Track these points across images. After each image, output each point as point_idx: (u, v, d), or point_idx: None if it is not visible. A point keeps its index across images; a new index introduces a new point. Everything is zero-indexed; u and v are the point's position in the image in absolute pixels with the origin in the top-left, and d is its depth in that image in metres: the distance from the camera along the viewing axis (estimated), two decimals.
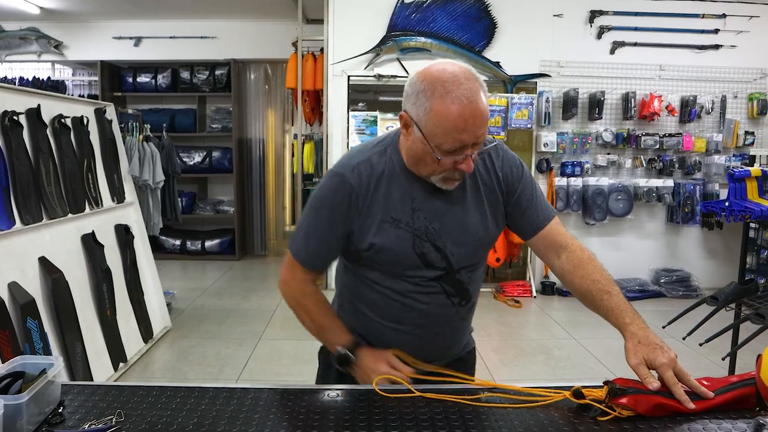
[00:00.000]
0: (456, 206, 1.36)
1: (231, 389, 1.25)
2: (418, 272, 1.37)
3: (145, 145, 4.77)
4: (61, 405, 1.15)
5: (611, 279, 1.37)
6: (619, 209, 5.67)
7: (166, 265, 6.49)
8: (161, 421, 1.11)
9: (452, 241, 1.36)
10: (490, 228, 1.41)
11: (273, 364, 3.89)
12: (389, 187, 1.34)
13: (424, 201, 1.34)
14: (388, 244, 1.33)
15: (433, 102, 1.20)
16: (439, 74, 1.21)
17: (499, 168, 1.41)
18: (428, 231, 1.34)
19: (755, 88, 5.80)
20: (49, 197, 3.22)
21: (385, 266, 1.38)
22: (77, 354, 3.14)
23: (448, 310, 1.42)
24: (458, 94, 1.18)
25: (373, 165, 1.35)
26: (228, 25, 7.16)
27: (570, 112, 5.59)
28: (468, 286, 1.43)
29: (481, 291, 5.20)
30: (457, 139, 1.21)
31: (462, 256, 1.38)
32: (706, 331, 2.30)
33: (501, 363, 3.99)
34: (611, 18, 5.66)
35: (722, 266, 5.86)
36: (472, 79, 1.22)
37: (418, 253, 1.34)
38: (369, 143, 1.42)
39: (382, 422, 1.12)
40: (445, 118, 1.19)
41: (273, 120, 7.69)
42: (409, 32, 5.49)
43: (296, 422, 1.12)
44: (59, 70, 7.59)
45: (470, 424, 1.12)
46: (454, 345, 1.52)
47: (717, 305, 2.63)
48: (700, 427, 1.11)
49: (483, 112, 1.21)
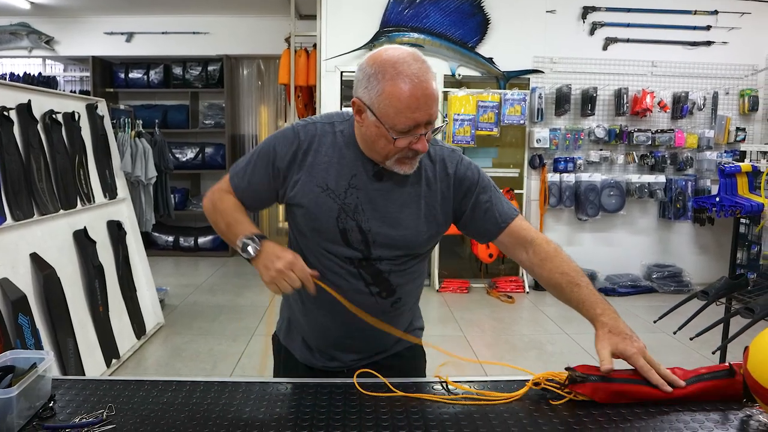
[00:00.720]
0: (393, 197, 1.37)
1: (222, 383, 1.26)
2: (336, 248, 1.37)
3: (137, 141, 4.75)
4: (52, 399, 1.15)
5: (579, 270, 1.37)
6: (611, 205, 5.69)
7: (159, 262, 6.48)
8: (152, 415, 1.12)
9: (377, 228, 1.36)
10: (420, 228, 1.39)
11: (267, 359, 3.89)
12: (332, 157, 1.36)
13: (364, 182, 1.36)
14: (312, 206, 1.35)
15: (385, 84, 1.22)
16: (387, 57, 1.24)
17: (453, 172, 1.42)
18: (357, 210, 1.35)
19: (746, 85, 5.83)
20: (41, 193, 3.20)
21: (307, 229, 1.39)
22: (69, 350, 3.13)
23: (366, 300, 1.39)
24: (408, 74, 1.21)
25: (326, 132, 1.39)
26: (220, 20, 7.14)
27: (563, 108, 5.61)
28: (389, 278, 1.40)
29: (474, 287, 5.18)
30: (410, 118, 1.22)
31: (384, 246, 1.37)
32: (697, 325, 2.32)
33: (493, 358, 4.00)
34: (604, 14, 5.67)
35: (713, 261, 5.89)
36: (420, 60, 1.24)
37: (340, 228, 1.35)
38: (333, 113, 1.46)
39: (372, 418, 1.13)
40: (397, 98, 1.21)
41: (266, 116, 7.68)
42: (402, 28, 5.49)
43: (288, 415, 1.13)
44: (50, 65, 7.55)
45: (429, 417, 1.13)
46: (382, 338, 1.46)
47: (707, 300, 2.65)
48: (674, 419, 1.12)
49: (433, 91, 1.24)
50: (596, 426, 1.10)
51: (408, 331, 1.55)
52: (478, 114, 5.43)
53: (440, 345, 1.50)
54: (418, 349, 1.60)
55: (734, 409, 1.17)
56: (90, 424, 1.05)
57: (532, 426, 1.10)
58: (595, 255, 5.82)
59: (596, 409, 1.16)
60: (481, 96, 5.46)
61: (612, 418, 1.13)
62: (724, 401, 1.19)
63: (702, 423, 1.11)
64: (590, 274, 5.67)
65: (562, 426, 1.10)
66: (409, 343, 1.56)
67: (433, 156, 1.42)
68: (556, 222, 5.86)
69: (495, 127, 5.48)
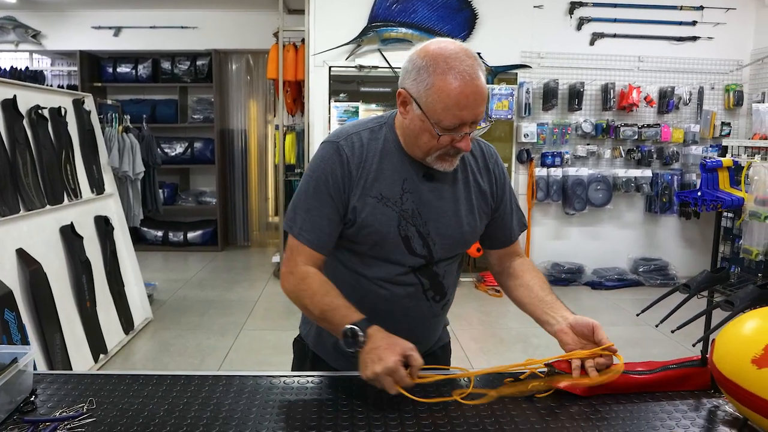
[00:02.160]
0: (446, 195, 1.35)
1: (203, 377, 1.28)
2: (399, 257, 1.33)
3: (125, 136, 4.74)
4: (34, 393, 1.16)
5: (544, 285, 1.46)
6: (598, 199, 5.73)
7: (149, 257, 6.48)
8: (132, 408, 1.13)
9: (437, 230, 1.34)
10: (475, 223, 1.40)
11: (254, 354, 3.91)
12: (381, 164, 1.32)
13: (416, 185, 1.32)
14: (373, 220, 1.30)
15: (435, 78, 1.19)
16: (440, 51, 1.21)
17: (492, 169, 1.43)
18: (415, 215, 1.32)
19: (732, 80, 5.88)
20: (27, 188, 3.20)
21: (366, 245, 1.34)
22: (56, 346, 3.13)
23: (421, 305, 1.39)
24: (460, 70, 1.18)
25: (368, 139, 1.34)
26: (209, 15, 7.11)
27: (550, 103, 5.64)
28: (443, 281, 1.40)
29: (462, 281, 5.21)
30: (457, 116, 1.20)
31: (444, 247, 1.36)
32: (679, 318, 2.36)
33: (480, 351, 4.04)
34: (591, 9, 5.69)
35: (699, 255, 5.95)
36: (472, 57, 1.22)
37: (402, 236, 1.32)
38: (365, 119, 1.41)
39: (363, 412, 1.15)
40: (446, 94, 1.19)
41: (255, 111, 7.66)
42: (390, 23, 5.49)
43: (266, 408, 1.15)
44: (38, 60, 7.50)
45: (453, 416, 1.15)
46: (426, 341, 1.48)
47: (689, 293, 2.70)
48: (644, 408, 1.16)
49: (483, 89, 1.21)
50: (577, 410, 1.13)
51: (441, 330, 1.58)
52: None
53: None
54: (449, 346, 1.63)
55: (702, 400, 1.20)
56: (70, 418, 1.07)
57: (516, 411, 1.13)
58: (582, 249, 5.87)
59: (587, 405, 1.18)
60: None
61: (604, 415, 1.16)
62: (694, 393, 1.23)
63: (670, 413, 1.14)
64: (577, 267, 5.73)
65: (544, 410, 1.15)
66: (443, 342, 1.58)
67: (474, 150, 1.42)
68: (544, 216, 5.90)
69: (483, 121, 5.49)
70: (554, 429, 1.08)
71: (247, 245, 7.72)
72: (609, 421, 1.11)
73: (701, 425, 1.10)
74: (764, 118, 5.05)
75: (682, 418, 1.12)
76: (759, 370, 1.00)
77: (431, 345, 1.52)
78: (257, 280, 5.82)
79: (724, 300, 2.48)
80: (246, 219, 7.73)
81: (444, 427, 1.08)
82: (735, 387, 1.04)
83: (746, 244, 3.39)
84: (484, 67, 1.26)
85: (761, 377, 0.99)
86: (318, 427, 1.07)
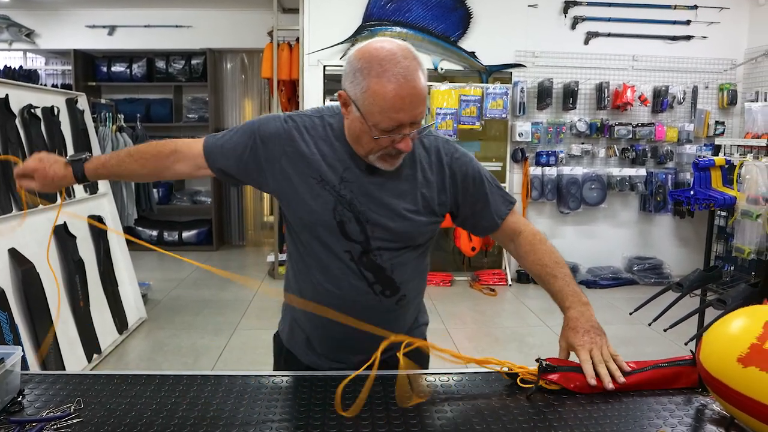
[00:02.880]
0: (388, 188, 1.34)
1: (191, 377, 1.27)
2: (333, 240, 1.34)
3: (119, 136, 4.74)
4: (21, 394, 1.16)
5: (560, 261, 1.42)
6: (593, 198, 5.74)
7: (143, 256, 6.45)
8: (120, 408, 1.13)
9: (375, 219, 1.33)
10: (418, 219, 1.37)
11: (248, 354, 3.91)
12: (324, 150, 1.34)
13: (357, 175, 1.33)
14: (309, 199, 1.32)
15: (370, 81, 1.19)
16: (376, 52, 1.20)
17: (448, 164, 1.40)
18: (353, 203, 1.32)
19: (725, 79, 5.90)
20: (19, 188, 3.18)
21: (303, 226, 1.36)
22: (49, 345, 3.13)
23: (369, 299, 1.37)
24: (395, 72, 1.17)
25: (316, 124, 1.37)
26: (203, 14, 7.10)
27: (545, 102, 5.65)
28: (392, 275, 1.38)
29: (457, 280, 5.21)
30: (393, 119, 1.20)
31: (382, 237, 1.35)
32: (672, 316, 2.37)
33: (475, 350, 4.04)
34: (585, 8, 5.71)
35: (693, 254, 5.97)
36: (410, 57, 1.20)
37: (337, 220, 1.32)
38: (323, 107, 1.43)
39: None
40: (381, 97, 1.18)
41: (250, 110, 7.66)
42: (385, 22, 5.49)
43: (254, 407, 1.15)
44: (32, 59, 7.48)
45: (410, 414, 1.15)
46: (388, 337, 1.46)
47: (681, 292, 2.71)
48: (632, 407, 1.16)
49: (420, 91, 1.20)
50: (565, 409, 1.13)
51: (413, 328, 1.54)
52: (461, 108, 5.46)
53: None
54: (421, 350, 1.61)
55: (690, 399, 1.21)
56: (56, 418, 1.07)
57: (503, 410, 1.13)
58: (576, 248, 5.88)
59: (569, 396, 1.19)
60: (464, 90, 5.48)
61: (593, 413, 1.16)
62: (681, 392, 1.23)
63: (658, 412, 1.14)
64: (572, 266, 5.73)
65: (532, 409, 1.15)
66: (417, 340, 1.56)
67: (428, 146, 1.40)
68: (539, 215, 5.91)
69: (477, 120, 5.50)
70: (542, 428, 1.08)
71: (242, 245, 7.71)
72: (597, 419, 1.11)
73: (688, 424, 1.10)
74: (757, 117, 5.07)
75: (669, 417, 1.12)
76: (744, 368, 1.00)
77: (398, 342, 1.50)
78: (252, 280, 5.82)
79: (717, 298, 2.49)
80: (241, 218, 7.73)
81: (431, 426, 1.08)
82: (721, 386, 1.04)
83: (738, 242, 3.40)
84: (425, 66, 1.25)
85: (747, 376, 0.99)
86: (306, 427, 1.07)
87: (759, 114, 5.04)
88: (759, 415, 0.99)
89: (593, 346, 1.24)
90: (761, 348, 1.00)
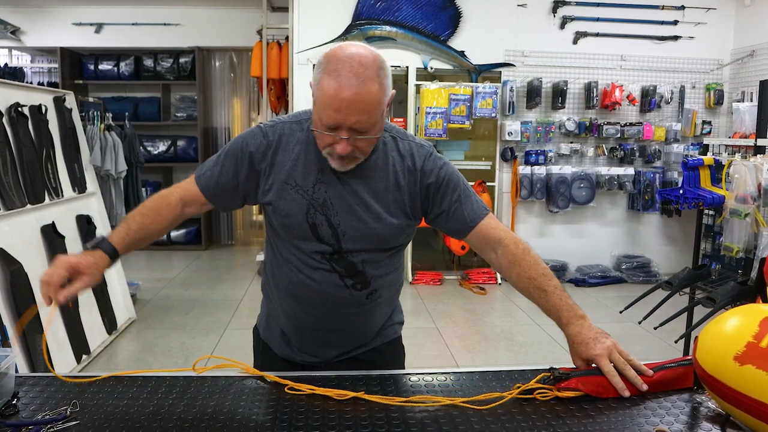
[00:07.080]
0: (359, 191, 1.37)
1: (187, 377, 1.27)
2: (306, 243, 1.38)
3: (107, 134, 4.70)
4: (16, 397, 1.15)
5: (547, 273, 1.38)
6: (581, 197, 5.77)
7: (132, 256, 6.40)
8: (116, 410, 1.12)
9: (347, 222, 1.37)
10: (390, 222, 1.39)
11: (238, 353, 3.86)
12: (299, 154, 1.38)
13: (330, 177, 1.36)
14: (284, 205, 1.37)
15: (323, 76, 1.24)
16: (340, 51, 1.25)
17: (420, 168, 1.40)
18: (326, 205, 1.36)
19: (712, 79, 5.95)
20: (6, 187, 3.16)
21: (280, 229, 1.41)
22: (38, 347, 3.09)
23: (340, 292, 1.40)
24: (343, 74, 1.21)
25: (292, 130, 1.41)
26: (192, 12, 7.06)
27: (534, 102, 5.67)
28: (364, 270, 1.40)
29: (447, 278, 5.21)
30: (330, 117, 1.23)
31: (353, 239, 1.37)
32: (662, 315, 2.38)
33: (465, 349, 4.05)
34: (574, 8, 5.73)
35: (681, 252, 6.02)
36: (369, 66, 1.23)
37: (310, 224, 1.37)
38: (298, 112, 1.47)
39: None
40: (323, 92, 1.23)
41: (239, 108, 7.63)
42: (375, 21, 5.49)
43: (252, 408, 1.14)
44: (17, 56, 7.39)
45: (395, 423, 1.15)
46: (360, 332, 1.50)
47: (671, 290, 2.73)
48: (628, 405, 1.17)
49: (365, 98, 1.22)
50: (563, 408, 1.13)
51: (387, 326, 1.56)
52: (450, 107, 5.47)
53: (413, 337, 1.52)
54: (398, 343, 1.61)
55: (686, 397, 1.22)
56: (53, 421, 1.06)
57: (501, 409, 1.13)
58: (565, 246, 5.91)
59: (573, 403, 1.18)
60: (453, 89, 5.49)
61: (589, 412, 1.16)
62: (678, 390, 1.24)
63: (654, 410, 1.15)
64: (561, 265, 5.77)
65: (530, 408, 1.15)
66: (389, 338, 1.56)
67: (402, 150, 1.42)
68: (528, 214, 5.94)
69: (467, 120, 5.52)
70: (540, 426, 1.09)
71: (231, 244, 7.68)
72: (594, 417, 1.12)
73: (684, 422, 1.11)
74: (745, 117, 5.12)
75: (666, 415, 1.13)
76: (741, 366, 1.01)
77: (369, 339, 1.52)
78: (241, 279, 5.80)
79: (706, 297, 2.51)
80: (230, 217, 7.69)
81: (430, 426, 1.09)
82: (717, 384, 1.05)
83: (727, 241, 3.43)
84: (389, 81, 1.28)
85: (743, 374, 1.00)
86: (305, 428, 1.07)
87: (747, 114, 5.10)
88: (755, 413, 1.00)
89: (610, 352, 1.22)
90: (757, 346, 1.01)
